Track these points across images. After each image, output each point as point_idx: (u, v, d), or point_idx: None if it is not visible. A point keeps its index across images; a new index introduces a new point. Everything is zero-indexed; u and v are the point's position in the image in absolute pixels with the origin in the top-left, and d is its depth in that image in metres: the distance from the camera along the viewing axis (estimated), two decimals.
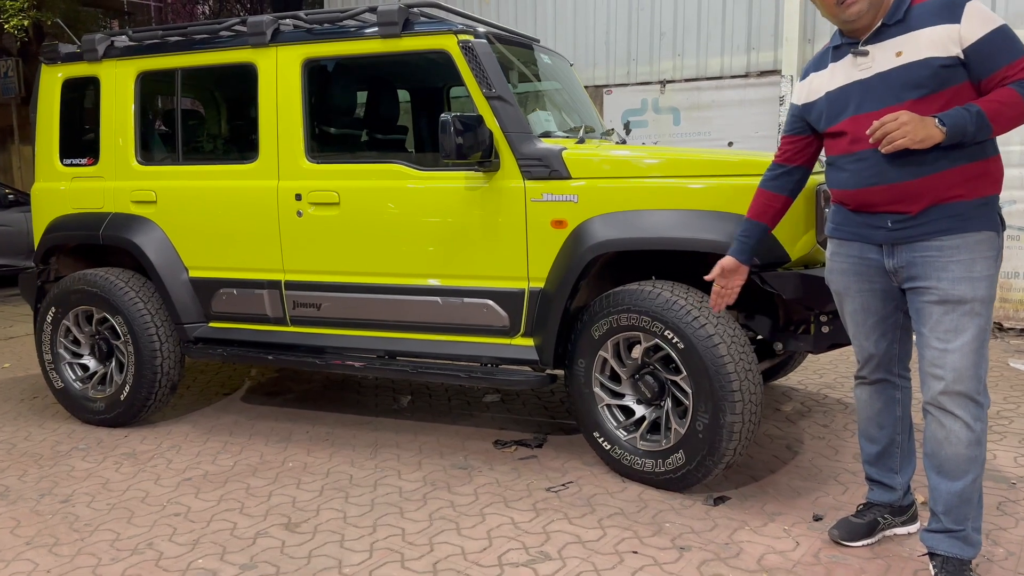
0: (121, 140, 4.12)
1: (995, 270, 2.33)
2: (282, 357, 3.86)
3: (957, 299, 2.29)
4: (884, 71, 2.32)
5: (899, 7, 2.31)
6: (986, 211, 2.31)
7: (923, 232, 2.32)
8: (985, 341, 2.33)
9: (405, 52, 3.56)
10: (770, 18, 6.61)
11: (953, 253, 2.29)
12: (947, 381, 2.31)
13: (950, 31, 2.22)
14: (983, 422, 2.34)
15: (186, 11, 22.07)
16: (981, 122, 2.20)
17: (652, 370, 3.22)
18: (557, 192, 3.32)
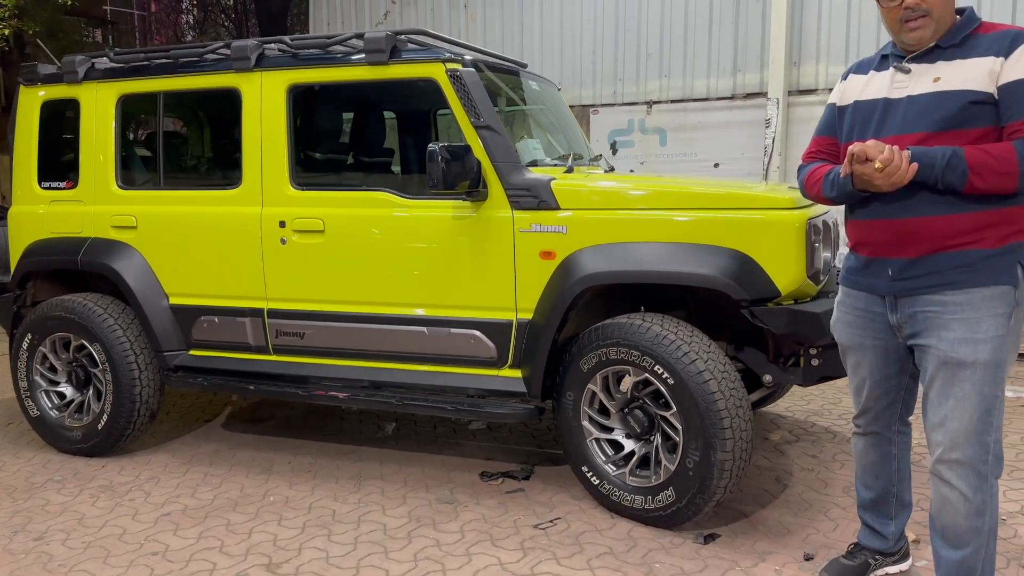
0: (101, 164, 4.04)
1: (1006, 330, 2.13)
2: (264, 387, 3.78)
3: (957, 362, 2.13)
4: (916, 95, 2.17)
5: (958, 32, 2.17)
6: (1000, 263, 2.11)
7: (924, 285, 2.17)
8: (992, 408, 2.15)
9: (392, 80, 3.51)
10: (756, 41, 6.63)
11: (956, 310, 2.13)
12: (944, 448, 2.18)
13: (993, 64, 2.07)
14: (985, 492, 2.17)
15: (170, 20, 21.93)
16: (954, 165, 2.03)
17: (641, 404, 3.18)
18: (546, 223, 3.28)
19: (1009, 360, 2.18)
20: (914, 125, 2.15)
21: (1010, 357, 2.17)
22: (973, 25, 2.18)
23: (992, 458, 2.18)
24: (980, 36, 2.15)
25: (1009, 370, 2.19)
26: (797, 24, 6.38)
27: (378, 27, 8.55)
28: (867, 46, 6.18)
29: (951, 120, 2.10)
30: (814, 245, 3.06)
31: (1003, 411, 2.21)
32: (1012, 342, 2.16)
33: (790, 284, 3.02)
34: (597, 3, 7.33)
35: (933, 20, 2.15)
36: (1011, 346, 2.17)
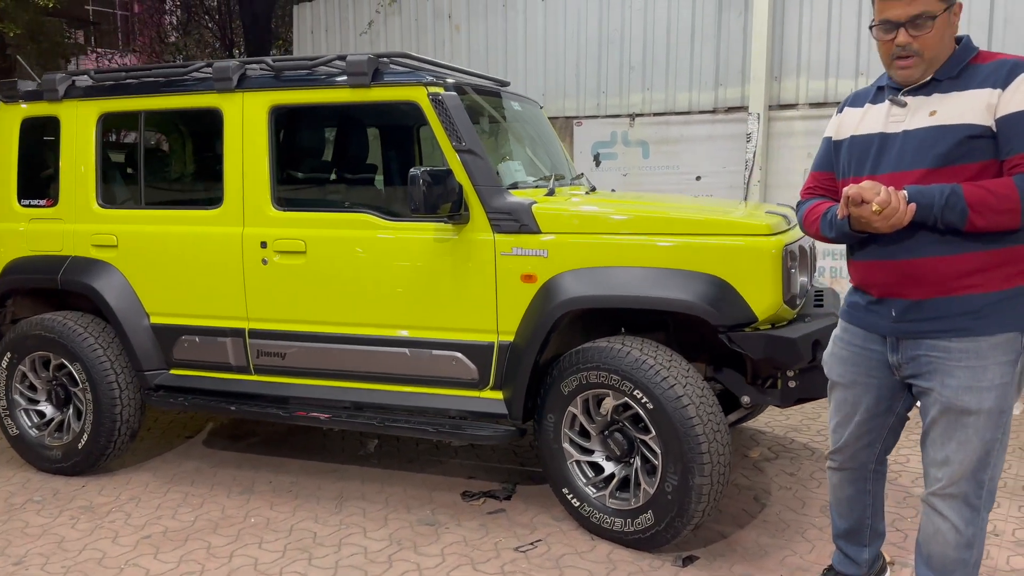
0: (82, 182, 4.02)
1: (1011, 377, 2.09)
2: (245, 408, 3.78)
3: (960, 410, 2.10)
4: (912, 129, 2.10)
5: (955, 63, 2.10)
6: (1007, 307, 2.05)
7: (929, 329, 2.11)
8: (993, 451, 2.13)
9: (374, 102, 3.53)
10: (738, 55, 6.68)
11: (961, 357, 2.07)
12: (942, 483, 2.18)
13: (990, 96, 2.00)
14: (976, 526, 2.19)
15: (153, 21, 21.78)
16: (955, 203, 1.97)
17: (621, 427, 3.21)
18: (527, 246, 3.31)
19: (1014, 404, 2.15)
20: (912, 162, 2.09)
21: (1015, 401, 2.15)
22: (970, 55, 2.12)
23: (986, 493, 2.19)
24: (978, 66, 2.09)
25: (1017, 410, 2.21)
26: (778, 39, 6.44)
27: (362, 36, 8.57)
28: (847, 62, 6.25)
29: (949, 155, 2.04)
30: (790, 271, 3.10)
31: (1005, 449, 2.19)
32: (1020, 386, 2.13)
33: (767, 309, 3.06)
34: (580, 16, 7.35)
35: (924, 61, 2.11)
36: (1018, 390, 2.14)
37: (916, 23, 2.07)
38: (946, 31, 2.09)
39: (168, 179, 4.37)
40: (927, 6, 2.06)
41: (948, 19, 2.09)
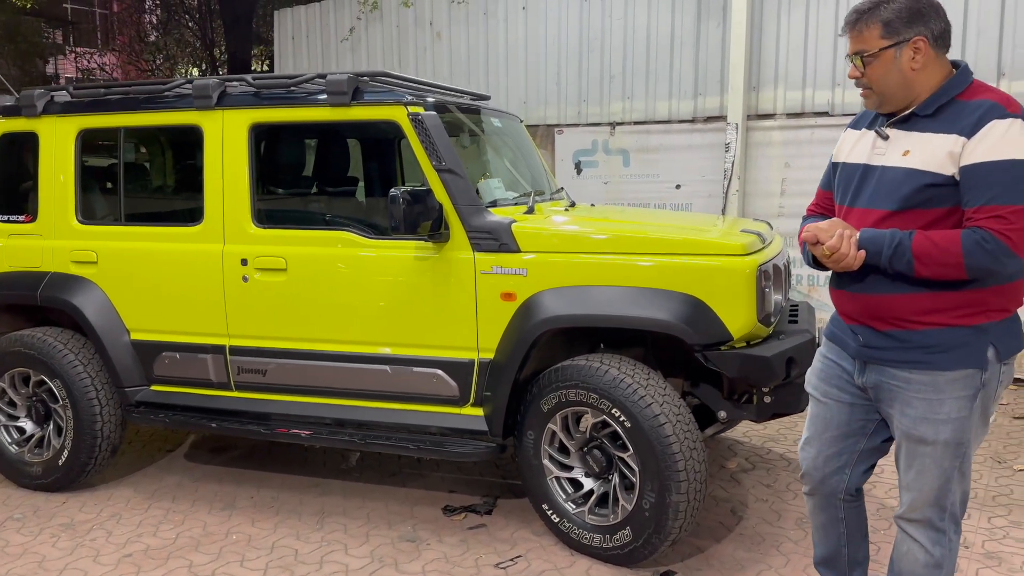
0: (61, 198, 4.01)
1: (969, 411, 2.12)
2: (226, 425, 3.79)
3: (918, 439, 2.16)
4: (887, 166, 2.13)
5: (933, 101, 2.09)
6: (969, 344, 2.07)
7: (891, 359, 2.16)
8: (951, 478, 2.18)
9: (354, 121, 3.55)
10: (716, 66, 6.75)
11: (920, 389, 2.12)
12: (905, 508, 2.26)
13: (955, 145, 2.00)
14: (944, 547, 2.24)
15: (132, 20, 21.61)
16: (902, 253, 2.01)
17: (600, 444, 3.25)
18: (506, 265, 3.34)
19: (977, 435, 2.19)
20: (881, 200, 2.13)
21: (978, 431, 2.19)
22: (956, 91, 2.09)
23: (949, 516, 2.24)
24: (959, 104, 2.07)
25: (979, 443, 2.23)
26: (756, 50, 6.52)
27: (343, 42, 8.57)
28: (823, 72, 6.34)
29: (911, 200, 2.06)
30: (764, 290, 3.16)
31: (967, 475, 2.23)
32: (978, 420, 2.16)
33: (742, 328, 3.11)
34: (561, 25, 7.40)
35: (875, 93, 2.15)
36: (978, 423, 2.17)
37: (861, 58, 2.14)
38: (891, 67, 2.10)
39: (148, 195, 4.37)
40: (863, 44, 2.12)
41: (895, 56, 2.09)
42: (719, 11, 6.71)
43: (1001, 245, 1.95)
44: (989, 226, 1.96)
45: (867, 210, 2.16)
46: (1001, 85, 5.80)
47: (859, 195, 2.21)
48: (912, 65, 2.09)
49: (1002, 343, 2.11)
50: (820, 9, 6.32)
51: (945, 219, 2.05)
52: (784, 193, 6.51)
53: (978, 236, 1.96)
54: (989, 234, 1.95)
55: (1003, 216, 1.94)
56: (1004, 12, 5.77)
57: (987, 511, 3.67)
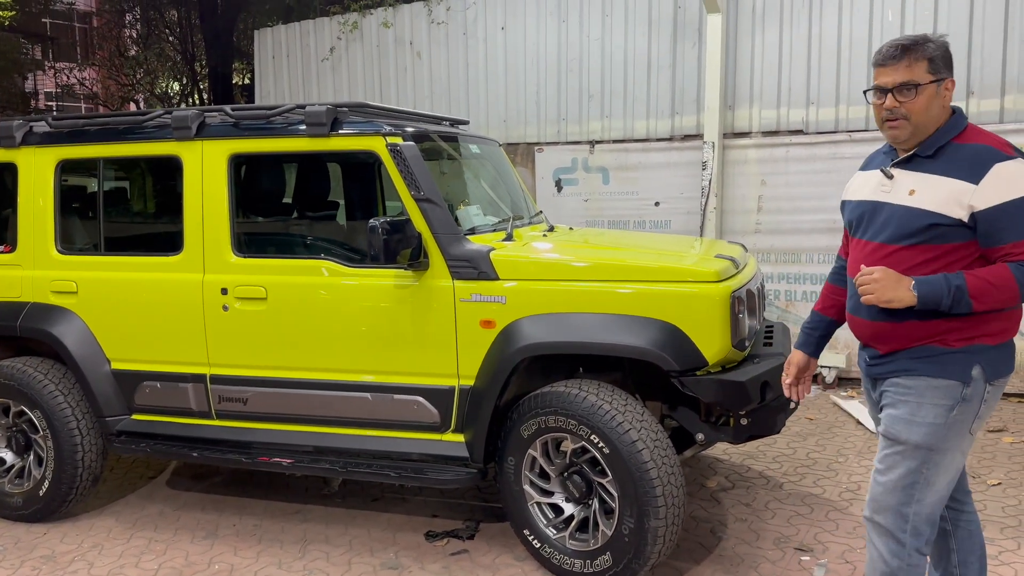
0: (40, 228, 4.02)
1: (944, 420, 2.25)
2: (207, 453, 3.80)
3: (892, 437, 2.31)
4: (894, 204, 2.30)
5: (934, 142, 2.26)
6: (956, 360, 2.23)
7: (890, 370, 2.34)
8: (916, 484, 2.29)
9: (333, 151, 3.59)
10: (692, 85, 6.85)
11: (905, 393, 2.29)
12: (871, 509, 2.36)
13: (963, 191, 2.16)
14: (902, 560, 2.31)
15: (112, 35, 21.51)
16: (960, 298, 2.15)
17: (580, 470, 3.29)
18: (485, 293, 3.38)
19: (951, 448, 2.29)
20: (891, 235, 2.28)
21: (951, 445, 2.28)
22: (953, 134, 2.26)
23: (911, 528, 2.31)
24: (957, 147, 2.24)
25: (953, 459, 2.30)
26: (731, 70, 6.61)
27: (324, 62, 8.60)
28: (797, 91, 6.44)
29: (919, 236, 2.23)
30: (738, 315, 3.22)
31: (934, 491, 2.30)
32: (955, 433, 2.27)
33: (716, 354, 3.17)
34: (540, 45, 7.48)
35: (911, 124, 2.27)
36: (953, 436, 2.27)
37: (902, 90, 2.25)
38: (933, 101, 2.24)
39: (128, 225, 4.37)
40: (912, 75, 2.24)
41: (936, 91, 2.24)
42: (694, 32, 6.81)
43: None
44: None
45: (879, 244, 2.32)
46: (970, 103, 5.93)
47: (868, 229, 2.37)
48: (943, 103, 2.27)
49: (990, 365, 2.26)
50: (793, 29, 6.43)
51: (951, 254, 2.21)
52: (761, 210, 6.60)
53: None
54: None
55: None
56: (972, 33, 5.90)
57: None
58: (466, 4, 7.82)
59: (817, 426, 5.35)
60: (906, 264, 2.24)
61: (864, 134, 6.15)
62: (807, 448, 4.92)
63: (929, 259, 2.22)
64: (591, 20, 7.24)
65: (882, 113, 2.30)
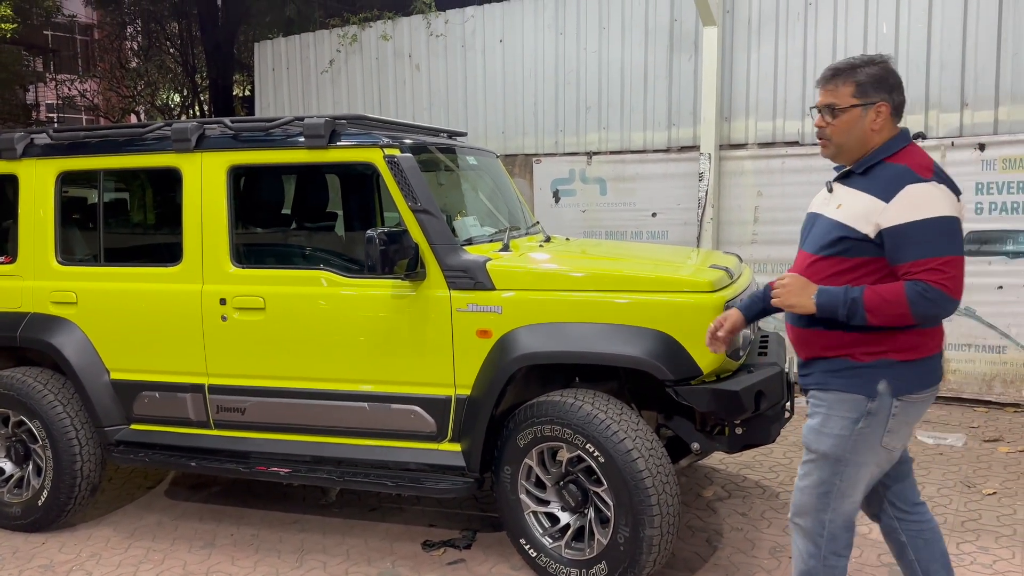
0: (40, 239, 4.05)
1: (850, 432, 2.35)
2: (205, 464, 3.82)
3: (805, 445, 2.47)
4: (824, 216, 2.42)
5: (867, 161, 2.37)
6: (862, 375, 2.33)
7: (810, 382, 2.47)
8: (829, 492, 2.40)
9: (332, 163, 3.63)
10: (689, 97, 6.90)
11: (819, 405, 2.43)
12: (792, 511, 2.52)
13: (875, 208, 2.26)
14: (818, 561, 2.45)
15: (113, 47, 21.62)
16: (855, 310, 2.24)
17: (576, 479, 3.31)
18: (482, 303, 3.41)
19: (861, 461, 2.38)
20: (813, 245, 2.42)
21: (861, 458, 2.38)
22: (887, 154, 2.35)
23: (827, 534, 2.44)
24: (884, 167, 2.33)
25: (865, 471, 2.39)
26: (727, 82, 6.66)
27: (323, 74, 8.66)
28: (793, 103, 6.49)
29: (833, 248, 2.35)
30: None
31: (850, 499, 2.42)
32: (864, 445, 2.37)
33: (711, 364, 3.19)
34: (537, 58, 7.54)
35: (832, 144, 2.41)
36: (862, 448, 2.37)
37: (826, 112, 2.40)
38: (856, 124, 2.36)
39: (127, 236, 4.40)
40: (835, 99, 2.38)
41: (862, 114, 2.35)
42: (691, 45, 6.86)
43: (940, 294, 2.20)
44: (927, 278, 2.20)
45: (805, 253, 2.47)
46: (965, 115, 5.98)
47: (805, 240, 2.52)
48: (872, 126, 2.36)
49: (898, 380, 2.33)
50: (789, 42, 6.49)
51: (861, 268, 2.31)
52: (757, 221, 6.63)
53: (920, 287, 2.20)
54: (928, 285, 2.19)
55: (936, 268, 2.19)
56: (966, 44, 5.96)
57: (956, 536, 3.75)
58: (464, 17, 7.89)
59: None
60: (822, 274, 2.35)
61: None
62: None
63: (842, 271, 2.32)
64: (588, 33, 7.30)
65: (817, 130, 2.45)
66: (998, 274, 5.86)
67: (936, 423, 5.57)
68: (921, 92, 6.08)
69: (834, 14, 6.32)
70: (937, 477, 4.52)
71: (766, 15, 6.56)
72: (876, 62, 2.37)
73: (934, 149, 5.95)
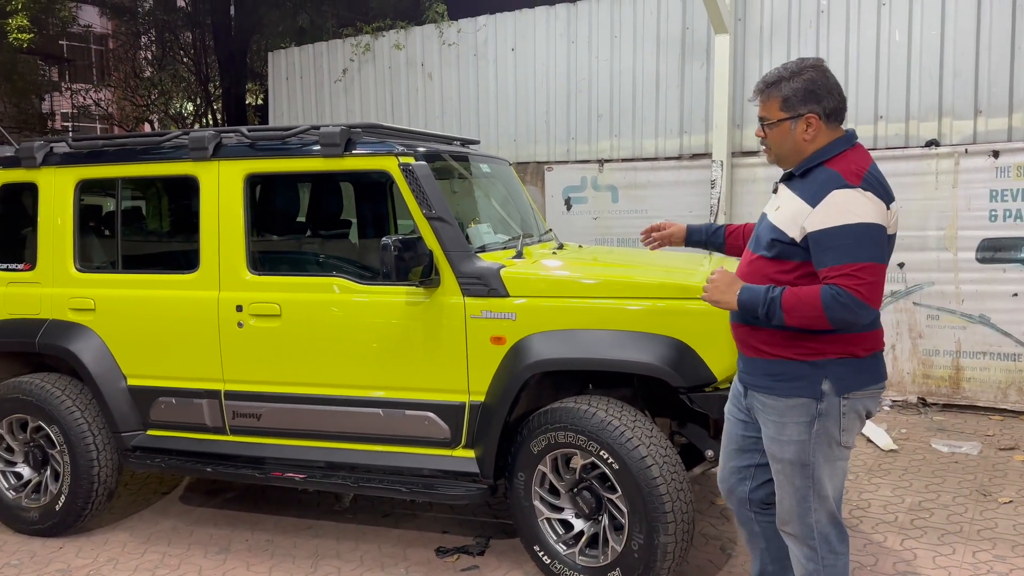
0: (59, 247, 4.10)
1: (808, 435, 2.38)
2: (221, 469, 3.85)
3: (771, 455, 2.48)
4: (767, 217, 2.49)
5: (805, 164, 2.40)
6: (804, 376, 2.35)
7: (753, 383, 2.50)
8: (807, 496, 2.44)
9: (347, 171, 3.66)
10: (701, 104, 6.91)
11: (770, 412, 2.45)
12: (779, 521, 2.55)
13: (802, 212, 2.30)
14: (816, 563, 2.48)
15: (128, 56, 21.84)
16: (773, 309, 2.28)
17: (590, 485, 3.32)
18: (496, 310, 3.43)
19: (826, 460, 2.42)
20: (753, 246, 2.52)
21: (824, 455, 2.42)
22: (825, 158, 2.37)
23: (818, 535, 2.47)
24: (820, 171, 2.35)
25: (837, 469, 2.44)
26: (739, 89, 6.67)
27: (336, 83, 8.72)
28: None
29: (769, 250, 2.40)
30: None
31: (829, 500, 2.44)
32: (823, 445, 2.40)
33: (725, 370, 3.20)
34: (549, 66, 7.57)
35: (772, 153, 2.49)
36: (822, 448, 2.40)
37: (763, 124, 2.48)
38: (788, 136, 2.41)
39: (145, 243, 4.45)
40: (766, 113, 2.46)
41: (791, 127, 2.39)
42: (702, 52, 6.88)
43: (854, 299, 2.22)
44: (842, 283, 2.22)
45: (748, 252, 2.55)
46: (978, 122, 5.97)
47: (751, 239, 2.59)
48: (804, 136, 2.40)
49: (838, 379, 2.36)
50: (801, 49, 6.49)
51: (796, 270, 2.34)
52: None
53: (834, 291, 2.23)
54: (843, 290, 2.22)
55: (852, 274, 2.22)
56: (979, 52, 5.95)
57: (972, 545, 3.73)
58: (477, 26, 7.93)
59: None
60: (760, 273, 2.41)
61: (872, 152, 6.17)
62: None
63: (781, 272, 2.36)
64: (600, 41, 7.33)
65: None
66: (1013, 281, 5.83)
67: (951, 431, 5.54)
68: (935, 100, 6.07)
69: (846, 22, 6.33)
70: (952, 485, 4.50)
71: (778, 23, 6.57)
72: (803, 73, 2.37)
73: (947, 156, 5.94)
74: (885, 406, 6.19)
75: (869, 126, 6.25)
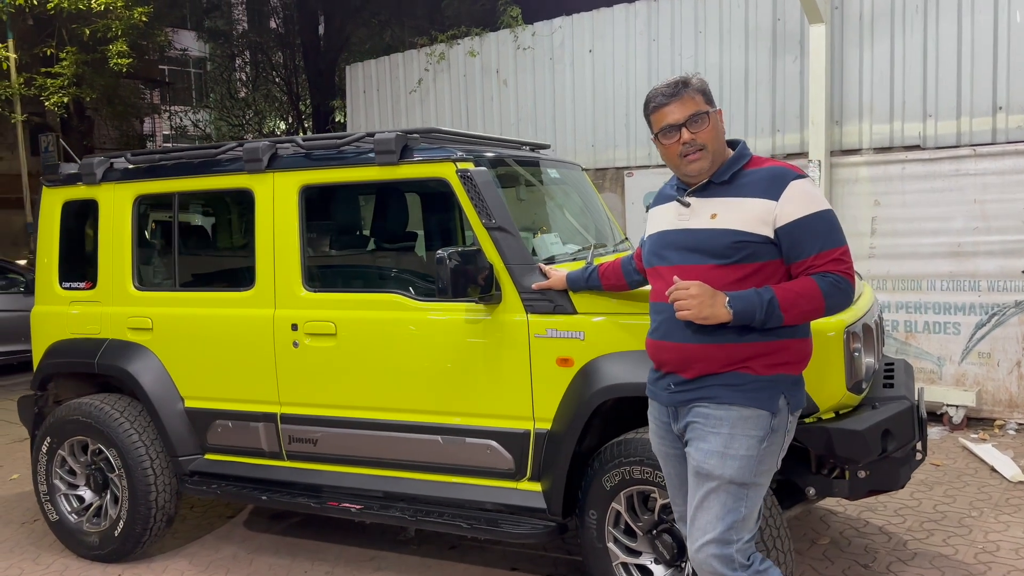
0: (119, 264, 4.01)
1: (756, 452, 2.24)
2: (277, 497, 3.65)
3: (706, 473, 2.25)
4: (696, 229, 2.32)
5: (728, 169, 2.32)
6: (764, 387, 2.25)
7: (696, 397, 2.30)
8: (736, 522, 2.23)
9: (404, 180, 3.41)
10: (795, 101, 6.40)
11: (716, 424, 2.26)
12: (692, 548, 2.29)
13: (767, 208, 2.23)
14: None
15: (224, 78, 22.61)
16: (772, 311, 2.18)
17: (670, 528, 2.94)
18: (562, 328, 3.10)
19: (761, 482, 2.28)
20: (700, 257, 2.29)
21: (762, 479, 2.28)
22: (743, 162, 2.33)
23: (738, 563, 2.24)
24: (749, 172, 2.30)
25: (763, 490, 2.28)
26: (837, 83, 6.13)
27: (412, 94, 8.59)
28: (913, 104, 5.88)
29: (732, 255, 2.25)
30: (853, 354, 2.81)
31: (752, 520, 2.28)
32: (766, 465, 2.28)
33: (829, 398, 2.78)
34: (628, 66, 7.20)
35: (709, 152, 2.31)
36: (764, 468, 2.28)
37: (695, 121, 2.29)
38: (718, 129, 2.32)
39: (201, 260, 4.34)
40: (698, 106, 2.30)
41: (716, 119, 2.32)
42: (795, 45, 6.37)
43: (848, 283, 2.22)
44: (834, 268, 2.20)
45: (688, 267, 2.30)
46: (998, 119, 5.58)
47: (672, 256, 2.36)
48: (723, 130, 2.38)
49: (792, 396, 2.31)
50: (907, 37, 5.91)
51: (761, 272, 2.25)
52: (875, 233, 6.05)
53: (831, 279, 2.20)
54: (838, 276, 2.21)
55: (839, 258, 2.22)
56: (997, 49, 5.38)
57: None
58: (552, 28, 7.64)
59: (945, 473, 4.76)
60: (719, 283, 2.24)
61: (991, 148, 5.55)
62: (934, 499, 4.36)
63: (742, 277, 2.25)
64: (683, 37, 6.91)
65: (679, 149, 2.31)
66: None
67: None
68: None
69: (959, 5, 5.71)
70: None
71: (880, 9, 6.00)
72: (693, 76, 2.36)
73: None
74: (1010, 430, 5.52)
75: (987, 118, 5.61)
